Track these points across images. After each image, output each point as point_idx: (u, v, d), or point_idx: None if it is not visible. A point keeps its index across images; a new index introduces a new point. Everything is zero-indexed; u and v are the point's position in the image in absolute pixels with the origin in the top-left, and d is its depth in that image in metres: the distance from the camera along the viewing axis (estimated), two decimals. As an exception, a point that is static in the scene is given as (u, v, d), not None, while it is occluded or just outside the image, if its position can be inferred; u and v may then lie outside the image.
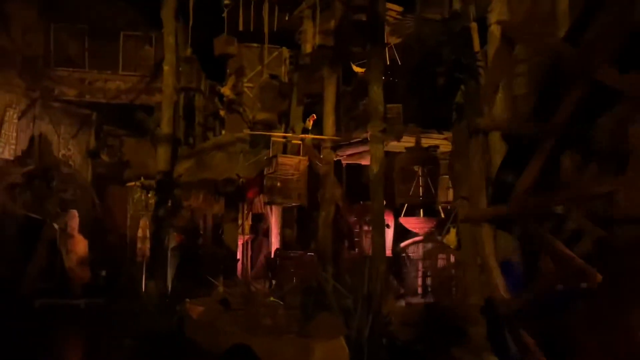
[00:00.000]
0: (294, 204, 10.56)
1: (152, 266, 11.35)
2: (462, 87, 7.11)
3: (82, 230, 16.05)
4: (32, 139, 17.39)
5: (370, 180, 9.06)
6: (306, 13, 12.12)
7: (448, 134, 9.70)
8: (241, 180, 11.80)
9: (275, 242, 14.67)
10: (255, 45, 14.46)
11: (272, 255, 13.25)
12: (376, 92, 8.82)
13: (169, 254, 12.48)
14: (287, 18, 13.81)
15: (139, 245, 16.13)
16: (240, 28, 13.99)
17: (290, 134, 11.18)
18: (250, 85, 14.29)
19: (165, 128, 11.61)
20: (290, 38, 14.34)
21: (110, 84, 18.99)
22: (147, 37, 19.29)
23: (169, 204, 11.56)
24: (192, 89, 12.31)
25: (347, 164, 11.45)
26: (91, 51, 18.64)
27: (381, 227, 8.94)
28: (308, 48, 11.75)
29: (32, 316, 12.54)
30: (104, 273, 15.98)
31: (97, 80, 18.77)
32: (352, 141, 10.36)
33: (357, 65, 11.93)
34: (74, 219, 15.89)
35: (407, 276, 10.42)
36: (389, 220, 10.79)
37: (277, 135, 11.25)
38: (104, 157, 19.18)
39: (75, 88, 18.53)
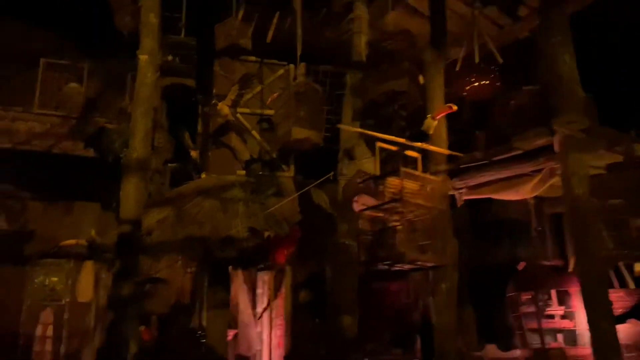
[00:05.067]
0: (428, 265, 5.89)
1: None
2: None
3: (-45, 328, 11.93)
4: None
5: (569, 215, 5.08)
6: (358, -4, 8.73)
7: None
8: (267, 235, 7.32)
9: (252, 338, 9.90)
10: (252, 59, 10.64)
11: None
12: (568, 62, 5.18)
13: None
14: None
15: (37, 347, 12.80)
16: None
17: (403, 140, 6.91)
18: (247, 110, 10.18)
19: (138, 149, 7.12)
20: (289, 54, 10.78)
21: (20, 125, 14.37)
22: (77, 69, 14.83)
23: (136, 277, 6.82)
24: (188, 87, 8.04)
25: (466, 200, 7.21)
26: (-5, 81, 14.11)
27: (604, 304, 4.89)
28: (362, 40, 8.21)
29: None
30: (-15, 392, 11.90)
31: (1, 119, 14.08)
32: (495, 159, 6.32)
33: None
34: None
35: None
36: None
37: (389, 140, 6.77)
38: (-2, 225, 14.76)
39: (-34, 129, 13.96)
